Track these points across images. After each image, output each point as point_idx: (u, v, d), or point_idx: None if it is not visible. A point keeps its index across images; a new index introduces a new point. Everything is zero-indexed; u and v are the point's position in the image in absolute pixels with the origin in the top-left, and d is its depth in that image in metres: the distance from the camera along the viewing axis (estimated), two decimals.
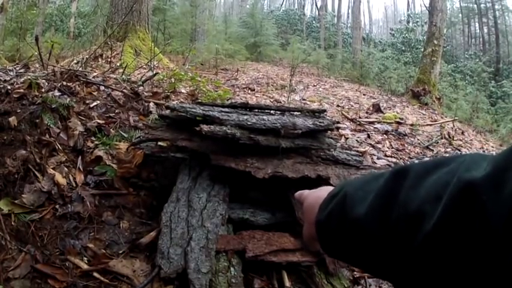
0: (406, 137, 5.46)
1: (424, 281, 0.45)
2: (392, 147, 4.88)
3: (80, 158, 2.58)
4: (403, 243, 0.46)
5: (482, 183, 0.39)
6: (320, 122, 2.56)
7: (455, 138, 6.19)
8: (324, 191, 0.69)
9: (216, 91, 5.05)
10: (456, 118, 7.96)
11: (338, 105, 7.41)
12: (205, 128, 2.18)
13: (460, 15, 27.74)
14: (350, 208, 0.55)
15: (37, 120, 2.60)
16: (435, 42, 10.58)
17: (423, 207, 0.44)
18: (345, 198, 0.57)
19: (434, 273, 0.43)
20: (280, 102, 6.35)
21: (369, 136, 5.02)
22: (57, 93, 3.13)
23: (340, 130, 4.91)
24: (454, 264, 0.40)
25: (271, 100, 6.66)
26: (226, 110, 2.48)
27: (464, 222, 0.39)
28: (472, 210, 0.39)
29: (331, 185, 2.32)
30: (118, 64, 5.77)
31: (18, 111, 2.59)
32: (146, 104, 3.62)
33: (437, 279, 0.43)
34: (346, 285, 2.08)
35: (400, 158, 4.43)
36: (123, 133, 3.04)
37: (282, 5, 38.13)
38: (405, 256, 0.46)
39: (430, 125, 6.88)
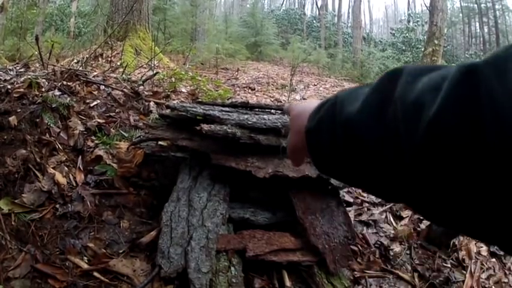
0: None
1: (430, 185, 0.40)
2: None
3: (80, 157, 2.58)
4: (403, 140, 0.41)
5: (485, 68, 0.36)
6: None
7: None
8: (313, 102, 0.64)
9: (217, 90, 5.05)
10: None
11: None
12: (205, 127, 2.17)
13: (461, 14, 27.73)
14: (340, 109, 0.51)
15: (37, 120, 2.60)
16: (436, 41, 10.59)
17: (421, 98, 0.40)
18: (335, 103, 0.53)
19: (441, 171, 0.38)
20: (281, 102, 6.35)
21: None
22: (57, 92, 3.13)
23: None
24: (459, 157, 0.36)
25: (272, 99, 6.66)
26: (227, 109, 2.47)
27: (468, 106, 0.35)
28: (476, 94, 0.35)
29: (331, 184, 2.32)
30: (118, 63, 5.78)
31: (19, 110, 2.59)
32: (146, 103, 3.62)
33: (445, 179, 0.37)
34: (346, 285, 2.08)
35: None
36: (123, 132, 3.04)
37: (282, 5, 38.15)
38: (406, 157, 0.41)
39: None
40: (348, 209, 2.51)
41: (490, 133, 0.34)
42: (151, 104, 3.63)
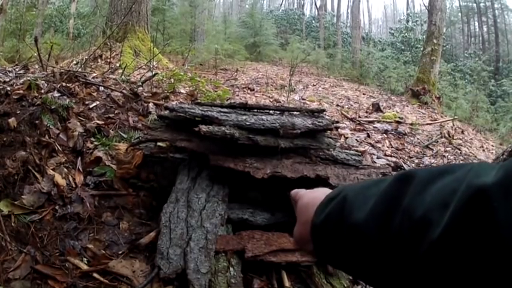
0: (406, 136, 5.47)
1: None
2: (392, 147, 4.88)
3: (79, 158, 2.59)
4: (406, 251, 0.43)
5: (493, 189, 0.37)
6: (319, 122, 2.56)
7: (455, 137, 6.19)
8: (320, 193, 0.65)
9: (216, 91, 5.06)
10: (456, 117, 7.96)
11: (337, 105, 7.42)
12: (204, 128, 2.18)
13: (460, 14, 27.72)
14: (349, 212, 0.52)
15: (37, 122, 2.60)
16: (434, 41, 10.58)
17: (429, 214, 0.41)
18: (344, 202, 0.54)
19: (439, 283, 0.41)
20: (280, 102, 6.36)
21: (368, 135, 5.02)
22: (56, 94, 3.14)
23: (339, 130, 4.91)
24: (461, 273, 0.38)
25: (271, 100, 6.66)
26: (225, 110, 2.48)
27: (473, 230, 0.37)
28: (482, 218, 0.37)
29: (330, 185, 2.33)
30: (117, 65, 5.78)
31: (18, 112, 2.59)
32: (145, 104, 3.63)
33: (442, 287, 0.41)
34: (345, 285, 2.09)
35: (400, 158, 4.44)
36: (122, 134, 3.04)
37: (281, 5, 38.13)
38: (407, 265, 0.43)
39: (430, 124, 6.89)
40: None
41: (490, 265, 0.36)
42: (150, 105, 3.63)
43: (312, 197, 0.67)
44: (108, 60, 6.26)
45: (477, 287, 0.38)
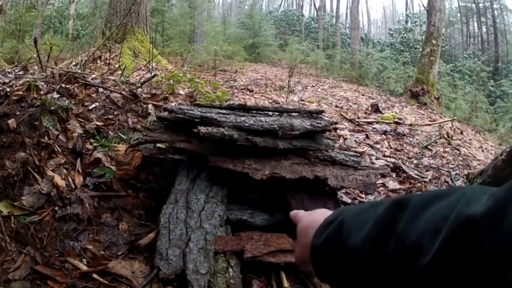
0: (405, 137, 5.47)
1: None
2: (391, 148, 4.89)
3: (78, 160, 2.59)
4: (399, 275, 0.46)
5: (481, 219, 0.39)
6: (318, 123, 2.57)
7: (454, 138, 6.20)
8: (319, 215, 0.69)
9: (215, 92, 5.06)
10: (455, 118, 7.98)
11: (336, 106, 7.43)
12: (202, 129, 2.19)
13: (459, 14, 27.76)
14: (346, 236, 0.55)
15: (36, 123, 2.61)
16: (434, 42, 10.60)
17: (421, 241, 0.43)
18: (342, 226, 0.57)
19: None
20: (279, 103, 6.37)
21: (367, 136, 5.03)
22: (56, 95, 3.14)
23: (338, 131, 4.92)
24: None
25: (270, 101, 6.67)
26: (224, 111, 2.49)
27: (461, 258, 0.39)
28: (470, 246, 0.38)
29: (329, 185, 2.34)
30: (116, 66, 5.79)
31: (17, 113, 2.60)
32: (145, 105, 3.64)
33: None
34: None
35: (399, 158, 4.44)
36: (121, 135, 3.05)
37: (280, 6, 38.17)
38: (400, 286, 0.46)
39: (429, 124, 6.89)
40: None
41: None
42: (150, 106, 3.64)
43: (311, 219, 0.71)
44: (108, 62, 6.27)
45: None
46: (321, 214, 0.68)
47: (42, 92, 3.09)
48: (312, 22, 28.10)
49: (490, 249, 0.37)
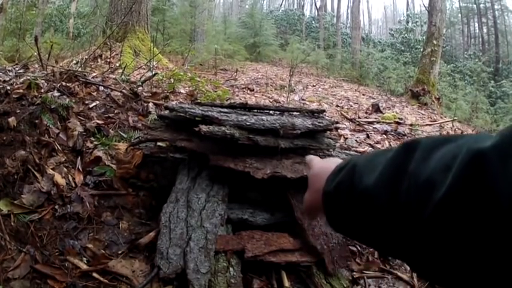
0: (406, 137, 5.46)
1: (433, 254, 0.45)
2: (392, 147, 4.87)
3: (79, 158, 2.59)
4: (413, 214, 0.46)
5: (490, 153, 0.40)
6: (319, 122, 2.56)
7: None
8: (331, 163, 0.69)
9: (215, 91, 5.05)
10: (455, 118, 7.97)
11: (337, 105, 7.42)
12: (204, 128, 2.18)
13: (460, 15, 27.76)
14: (359, 179, 0.55)
15: (36, 121, 2.60)
16: (434, 42, 10.59)
17: (433, 177, 0.44)
18: (354, 169, 0.57)
19: (444, 244, 0.43)
20: (280, 103, 6.35)
21: (368, 136, 5.02)
22: (56, 93, 3.14)
23: (339, 130, 4.91)
24: (463, 236, 0.40)
25: (271, 100, 6.66)
26: (225, 110, 2.48)
27: (472, 192, 0.39)
28: (480, 180, 0.39)
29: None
30: (117, 64, 5.78)
31: (18, 111, 2.59)
32: (145, 104, 3.63)
33: (447, 251, 0.43)
34: (345, 285, 2.09)
35: None
36: (122, 133, 3.04)
37: (281, 5, 38.15)
38: (415, 227, 0.46)
39: (430, 125, 6.88)
40: None
41: (490, 227, 0.38)
42: (150, 105, 3.63)
43: (323, 166, 0.71)
44: (108, 60, 6.26)
45: (477, 250, 0.40)
46: (333, 162, 0.68)
47: (42, 90, 3.08)
48: (313, 22, 28.10)
49: (498, 181, 0.38)
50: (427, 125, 6.82)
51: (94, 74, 4.39)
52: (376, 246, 0.58)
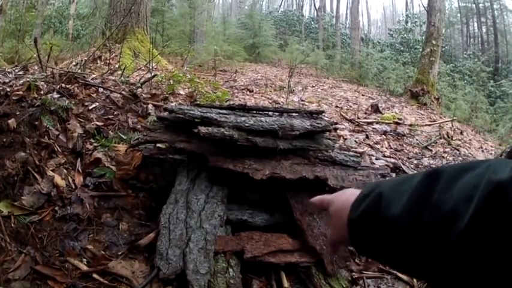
0: (405, 137, 5.47)
1: (456, 279, 0.48)
2: (391, 148, 4.89)
3: (79, 160, 2.59)
4: (437, 242, 0.49)
5: (509, 185, 0.43)
6: (318, 123, 2.57)
7: (454, 138, 6.20)
8: (349, 194, 0.71)
9: (215, 92, 5.06)
10: (455, 118, 7.97)
11: (336, 106, 7.42)
12: (203, 129, 2.19)
13: (459, 15, 27.74)
14: (385, 208, 0.58)
15: (36, 123, 2.61)
16: (434, 42, 10.60)
17: (456, 207, 0.47)
18: (380, 197, 0.60)
19: (467, 270, 0.46)
20: (279, 104, 6.36)
21: (367, 137, 5.03)
22: (56, 95, 3.14)
23: (338, 131, 4.92)
24: (486, 261, 0.43)
25: (270, 101, 6.66)
26: (224, 111, 2.49)
27: (495, 220, 0.42)
28: (501, 209, 0.42)
29: (328, 185, 2.34)
30: (117, 66, 5.79)
31: (18, 113, 2.60)
32: (145, 105, 3.64)
33: (470, 276, 0.46)
34: (344, 286, 2.09)
35: (399, 158, 4.44)
36: (121, 135, 3.05)
37: (280, 6, 38.14)
38: (438, 255, 0.49)
39: (429, 125, 6.89)
40: None
41: None
42: (150, 106, 3.64)
43: (344, 199, 0.73)
44: (108, 62, 6.27)
45: (497, 275, 0.43)
46: (351, 193, 0.70)
47: (42, 92, 3.09)
48: (312, 22, 28.10)
49: None
50: (426, 125, 6.83)
51: (93, 76, 4.40)
52: (400, 268, 0.61)
